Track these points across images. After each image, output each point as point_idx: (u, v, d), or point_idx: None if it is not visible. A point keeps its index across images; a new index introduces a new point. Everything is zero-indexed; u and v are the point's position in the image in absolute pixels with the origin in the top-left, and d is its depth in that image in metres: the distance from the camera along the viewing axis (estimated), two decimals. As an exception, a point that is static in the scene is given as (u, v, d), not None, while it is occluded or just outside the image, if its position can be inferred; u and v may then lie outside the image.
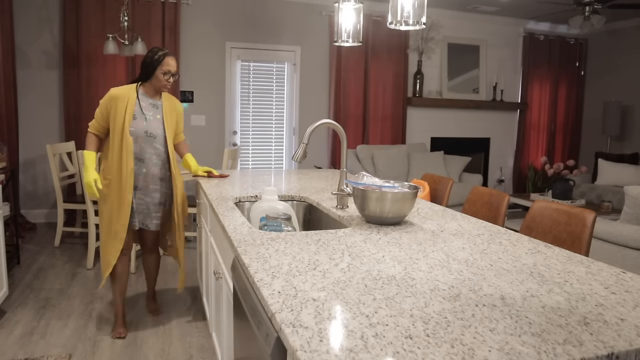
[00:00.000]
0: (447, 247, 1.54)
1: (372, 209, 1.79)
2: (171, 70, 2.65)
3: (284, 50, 5.94)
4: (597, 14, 4.98)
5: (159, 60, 2.61)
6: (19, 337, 2.73)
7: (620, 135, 6.93)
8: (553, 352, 0.85)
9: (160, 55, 2.62)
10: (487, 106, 6.90)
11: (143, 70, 2.65)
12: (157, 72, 2.62)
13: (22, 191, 5.19)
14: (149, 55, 2.64)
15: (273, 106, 6.00)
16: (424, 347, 0.86)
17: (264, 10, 5.81)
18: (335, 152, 6.19)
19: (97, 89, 5.19)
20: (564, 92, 7.40)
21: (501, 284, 1.21)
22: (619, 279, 1.27)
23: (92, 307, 3.18)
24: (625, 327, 0.97)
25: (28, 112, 5.16)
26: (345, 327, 0.94)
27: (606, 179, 6.18)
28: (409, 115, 6.62)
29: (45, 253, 4.27)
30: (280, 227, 1.81)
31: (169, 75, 2.65)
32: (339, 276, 1.22)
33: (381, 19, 6.15)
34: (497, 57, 7.00)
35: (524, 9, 6.38)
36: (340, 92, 6.11)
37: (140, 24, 5.25)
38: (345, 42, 2.65)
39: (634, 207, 3.48)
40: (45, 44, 5.14)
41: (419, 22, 1.88)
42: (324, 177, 3.12)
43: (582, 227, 1.86)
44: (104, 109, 2.65)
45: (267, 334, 1.04)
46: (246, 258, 1.36)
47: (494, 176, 7.26)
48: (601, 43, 7.24)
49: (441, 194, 2.83)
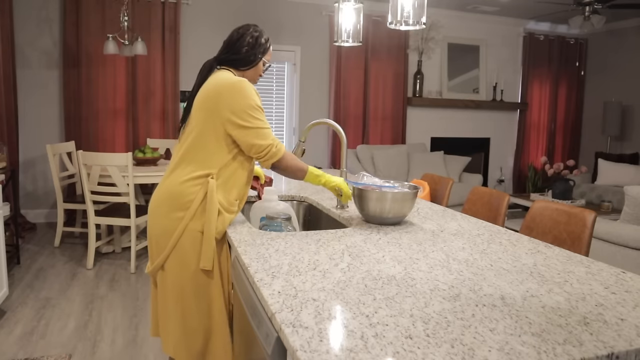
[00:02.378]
0: (447, 247, 1.54)
1: (372, 209, 1.79)
2: (270, 61, 1.96)
3: (284, 50, 5.94)
4: (597, 14, 4.98)
5: (267, 47, 1.88)
6: (19, 337, 2.73)
7: (620, 135, 6.92)
8: (553, 352, 0.85)
9: (268, 40, 1.88)
10: (487, 106, 6.90)
11: (241, 55, 1.83)
12: (261, 61, 1.88)
13: (22, 191, 5.19)
14: (252, 34, 1.83)
15: (273, 106, 6.00)
16: (424, 347, 0.86)
17: (264, 10, 5.81)
18: (335, 152, 6.19)
19: (97, 89, 5.19)
20: (564, 92, 7.40)
21: (501, 284, 1.21)
22: (619, 279, 1.27)
23: (92, 307, 3.18)
24: (625, 327, 0.97)
25: (28, 112, 5.16)
26: (345, 327, 0.94)
27: (606, 179, 6.18)
28: (409, 115, 6.62)
29: (45, 253, 4.27)
30: (280, 227, 1.81)
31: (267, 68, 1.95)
32: (339, 276, 1.22)
33: (381, 19, 6.15)
34: (497, 57, 7.00)
35: (524, 9, 6.38)
36: (340, 92, 6.11)
37: (140, 24, 5.25)
38: (345, 42, 2.65)
39: (634, 207, 3.48)
40: (45, 44, 5.13)
41: (419, 22, 1.88)
42: (324, 177, 3.12)
43: (582, 227, 1.86)
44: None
45: (267, 334, 1.04)
46: (246, 258, 1.36)
47: (494, 176, 7.26)
48: (601, 43, 7.23)
49: (441, 194, 2.83)
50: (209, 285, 1.68)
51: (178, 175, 1.71)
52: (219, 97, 1.67)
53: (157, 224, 1.71)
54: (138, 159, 4.31)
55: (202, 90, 1.74)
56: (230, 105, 1.66)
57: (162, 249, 1.71)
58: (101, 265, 3.98)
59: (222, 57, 1.83)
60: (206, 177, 1.69)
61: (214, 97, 1.68)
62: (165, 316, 1.74)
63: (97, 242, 4.02)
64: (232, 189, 1.74)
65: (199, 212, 1.67)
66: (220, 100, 1.67)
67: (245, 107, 1.67)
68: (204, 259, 1.65)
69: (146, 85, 5.36)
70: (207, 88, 1.72)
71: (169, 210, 1.68)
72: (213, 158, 1.69)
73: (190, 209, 1.67)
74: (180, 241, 1.67)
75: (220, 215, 1.68)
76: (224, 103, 1.66)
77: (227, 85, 1.68)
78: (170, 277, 1.70)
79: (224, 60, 1.83)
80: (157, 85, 5.40)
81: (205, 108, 1.70)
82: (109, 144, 5.30)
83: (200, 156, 1.69)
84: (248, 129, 1.68)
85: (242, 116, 1.67)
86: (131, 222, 3.79)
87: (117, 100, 5.28)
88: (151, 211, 1.75)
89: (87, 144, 5.17)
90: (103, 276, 3.74)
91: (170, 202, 1.68)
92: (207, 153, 1.69)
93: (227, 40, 1.86)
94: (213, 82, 1.72)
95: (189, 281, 1.67)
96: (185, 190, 1.68)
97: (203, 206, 1.67)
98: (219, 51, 1.86)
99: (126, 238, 4.49)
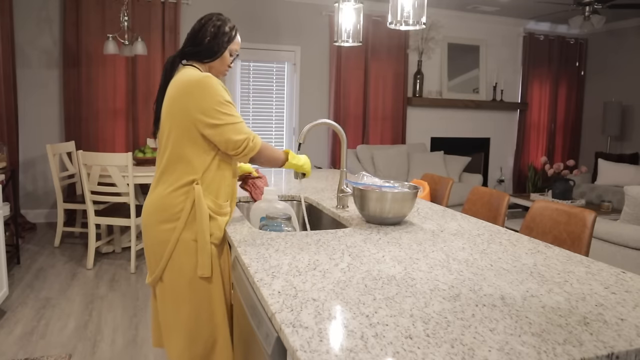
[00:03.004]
0: (447, 247, 1.54)
1: (372, 209, 1.79)
2: (238, 51, 1.84)
3: (284, 50, 5.94)
4: (597, 14, 4.98)
5: (232, 36, 1.76)
6: (19, 337, 2.73)
7: (620, 135, 6.92)
8: (553, 352, 0.85)
9: (233, 28, 1.77)
10: (487, 106, 6.90)
11: (204, 46, 1.72)
12: (227, 51, 1.77)
13: (22, 191, 5.19)
14: (215, 23, 1.73)
15: (273, 106, 6.00)
16: (424, 347, 0.86)
17: (264, 10, 5.81)
18: (335, 152, 6.19)
19: (97, 89, 5.19)
20: (564, 92, 7.40)
21: (501, 284, 1.21)
22: (619, 279, 1.27)
23: (92, 307, 3.18)
24: (625, 327, 0.97)
25: (28, 112, 5.16)
26: (345, 327, 0.94)
27: (606, 179, 6.18)
28: (409, 115, 6.62)
29: (45, 253, 4.27)
30: (280, 227, 1.81)
31: (234, 58, 1.84)
32: (339, 276, 1.22)
33: (381, 19, 6.15)
34: (497, 57, 7.00)
35: (524, 9, 6.38)
36: (340, 92, 6.11)
37: (140, 24, 5.25)
38: (345, 42, 2.65)
39: (634, 207, 3.48)
40: (45, 44, 5.13)
41: (419, 22, 1.88)
42: (324, 177, 3.12)
43: (582, 227, 1.86)
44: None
45: (267, 334, 1.04)
46: (246, 258, 1.36)
47: (494, 176, 7.26)
48: (601, 43, 7.23)
49: (441, 194, 2.83)
50: (209, 291, 1.67)
51: (163, 185, 1.67)
52: (186, 98, 1.61)
53: (150, 235, 1.69)
54: (138, 159, 4.31)
55: (169, 91, 1.67)
56: (199, 105, 1.60)
57: (158, 259, 1.69)
58: (101, 265, 3.98)
59: (186, 51, 1.74)
60: (191, 184, 1.65)
61: (181, 98, 1.61)
62: (167, 327, 1.72)
63: (97, 242, 4.02)
64: (219, 190, 1.70)
65: (190, 221, 1.64)
66: (187, 101, 1.60)
67: (213, 104, 1.60)
68: (200, 267, 1.63)
69: (146, 85, 5.36)
70: (173, 88, 1.66)
71: (160, 221, 1.66)
72: (194, 163, 1.65)
73: (181, 219, 1.64)
74: (175, 252, 1.65)
75: (213, 221, 1.66)
76: (192, 104, 1.60)
77: (192, 84, 1.60)
78: (168, 287, 1.68)
79: (188, 54, 1.74)
80: (157, 85, 5.38)
81: (174, 112, 1.64)
82: (109, 144, 5.30)
83: (182, 163, 1.65)
84: (220, 127, 1.61)
85: (212, 114, 1.60)
86: (131, 222, 3.80)
87: (117, 100, 5.28)
88: (144, 222, 1.72)
89: (87, 144, 5.17)
90: (103, 276, 3.74)
91: (159, 214, 1.66)
92: (187, 159, 1.64)
93: (189, 32, 1.76)
94: (178, 81, 1.65)
95: (188, 290, 1.65)
96: (172, 201, 1.64)
97: (193, 214, 1.64)
98: (182, 44, 1.78)
99: (126, 238, 4.49)
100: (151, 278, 1.74)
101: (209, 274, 1.64)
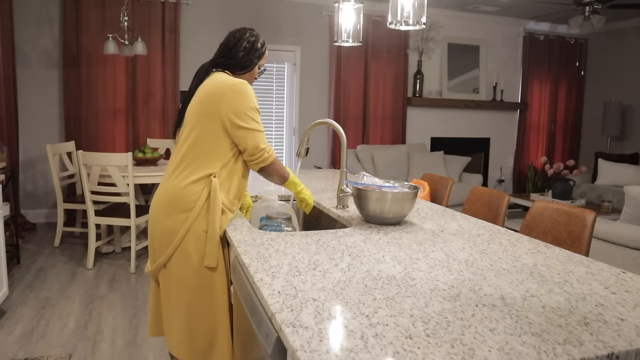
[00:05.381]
0: (447, 247, 1.54)
1: (372, 209, 1.79)
2: (264, 65, 1.96)
3: (284, 50, 5.94)
4: (597, 14, 4.98)
5: (263, 52, 1.88)
6: (19, 337, 2.73)
7: (620, 135, 6.93)
8: (553, 352, 0.85)
9: (263, 45, 1.88)
10: (487, 106, 6.90)
11: (237, 60, 1.82)
12: (256, 66, 1.89)
13: (22, 191, 5.19)
14: (249, 39, 1.83)
15: (273, 106, 6.00)
16: (424, 347, 0.86)
17: (264, 10, 5.81)
18: (335, 152, 6.19)
19: (97, 89, 5.19)
20: (564, 92, 7.40)
21: (501, 284, 1.21)
22: (619, 279, 1.27)
23: (92, 307, 3.18)
24: (625, 327, 0.97)
25: (28, 112, 5.16)
26: (345, 327, 0.94)
27: (606, 179, 6.18)
28: (409, 115, 6.62)
29: (45, 253, 4.27)
30: (280, 227, 1.81)
31: (262, 72, 1.96)
32: (339, 276, 1.22)
33: (381, 19, 6.15)
34: (497, 57, 7.00)
35: (524, 9, 6.38)
36: (340, 92, 6.11)
37: (140, 24, 5.25)
38: (345, 42, 2.65)
39: (634, 207, 3.48)
40: (45, 44, 5.13)
41: (419, 22, 1.88)
42: (324, 177, 3.12)
43: (582, 227, 1.86)
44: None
45: (267, 334, 1.04)
46: (246, 258, 1.36)
47: (494, 176, 7.26)
48: (601, 43, 7.23)
49: (441, 194, 2.83)
50: (212, 283, 1.69)
51: (179, 177, 1.71)
52: (221, 98, 1.69)
53: (159, 225, 1.72)
54: (138, 159, 4.31)
55: (200, 92, 1.75)
56: (232, 106, 1.69)
57: (164, 248, 1.71)
58: (101, 265, 3.98)
59: (218, 61, 1.84)
60: (209, 177, 1.70)
61: (216, 97, 1.70)
62: (169, 314, 1.75)
63: (97, 242, 4.02)
64: (231, 187, 1.77)
65: (203, 211, 1.68)
66: (222, 101, 1.69)
67: (245, 108, 1.70)
68: (208, 257, 1.66)
69: (146, 85, 5.36)
70: (207, 89, 1.73)
71: (171, 212, 1.69)
72: (214, 157, 1.71)
73: (195, 209, 1.68)
74: (184, 241, 1.68)
75: (223, 214, 1.71)
76: (226, 103, 1.69)
77: (229, 87, 1.70)
78: (173, 275, 1.71)
79: (220, 64, 1.84)
80: (157, 85, 5.40)
81: (205, 109, 1.71)
82: (109, 144, 5.30)
83: (202, 156, 1.71)
84: (246, 130, 1.71)
85: (243, 117, 1.70)
86: (131, 222, 3.79)
87: (117, 100, 5.28)
88: (153, 212, 1.75)
89: (87, 144, 5.17)
90: (103, 276, 3.74)
91: (172, 205, 1.69)
92: (208, 153, 1.71)
93: (223, 44, 1.85)
94: (212, 83, 1.74)
95: (193, 279, 1.68)
96: (188, 192, 1.69)
97: (207, 206, 1.69)
98: (215, 54, 1.87)
99: (126, 238, 4.49)
100: (152, 267, 1.77)
101: (215, 265, 1.68)
